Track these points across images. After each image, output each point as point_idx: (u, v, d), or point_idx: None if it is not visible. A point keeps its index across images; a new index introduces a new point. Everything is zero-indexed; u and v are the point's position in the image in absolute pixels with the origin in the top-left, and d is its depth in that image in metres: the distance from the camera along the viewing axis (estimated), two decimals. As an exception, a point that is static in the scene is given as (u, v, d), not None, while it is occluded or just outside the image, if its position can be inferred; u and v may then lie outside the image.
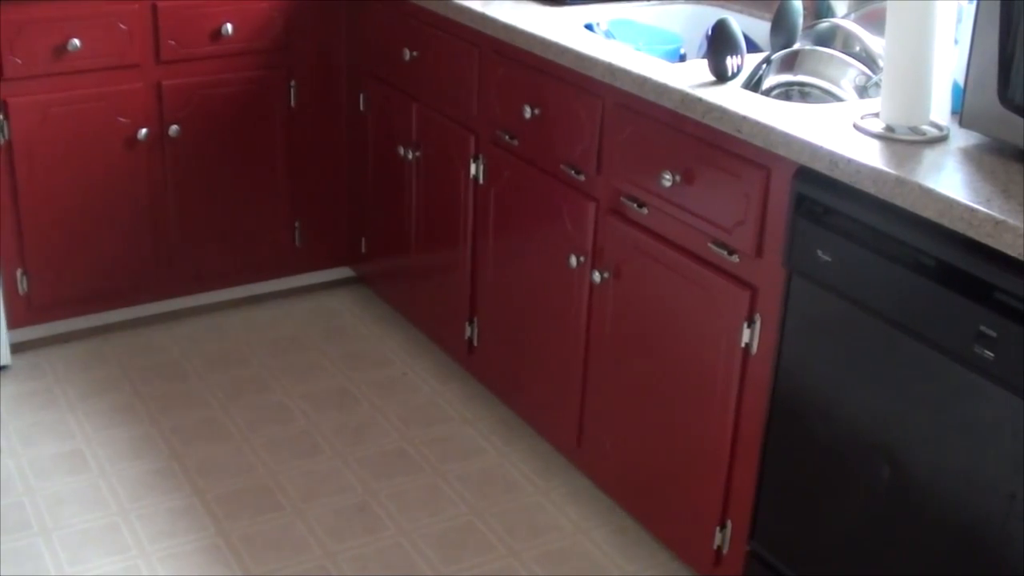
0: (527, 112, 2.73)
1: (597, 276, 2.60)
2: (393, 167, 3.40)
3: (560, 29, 2.68)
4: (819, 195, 2.02)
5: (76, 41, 3.15)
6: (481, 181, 3.00)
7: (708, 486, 2.42)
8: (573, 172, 2.65)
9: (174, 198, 3.47)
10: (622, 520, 2.78)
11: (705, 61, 2.36)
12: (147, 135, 3.35)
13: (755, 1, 2.94)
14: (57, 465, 2.96)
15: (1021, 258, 1.68)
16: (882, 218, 1.90)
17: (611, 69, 2.44)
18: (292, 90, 3.56)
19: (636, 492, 2.67)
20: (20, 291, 3.34)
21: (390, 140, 3.38)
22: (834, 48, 2.48)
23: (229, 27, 3.37)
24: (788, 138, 2.04)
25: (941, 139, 2.00)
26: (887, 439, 2.03)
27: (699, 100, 2.23)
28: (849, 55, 2.41)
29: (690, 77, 2.33)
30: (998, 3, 1.85)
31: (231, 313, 3.69)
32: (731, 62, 2.31)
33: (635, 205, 2.48)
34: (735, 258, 2.24)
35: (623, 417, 2.64)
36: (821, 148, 1.97)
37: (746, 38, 2.42)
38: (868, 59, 2.40)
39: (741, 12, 2.93)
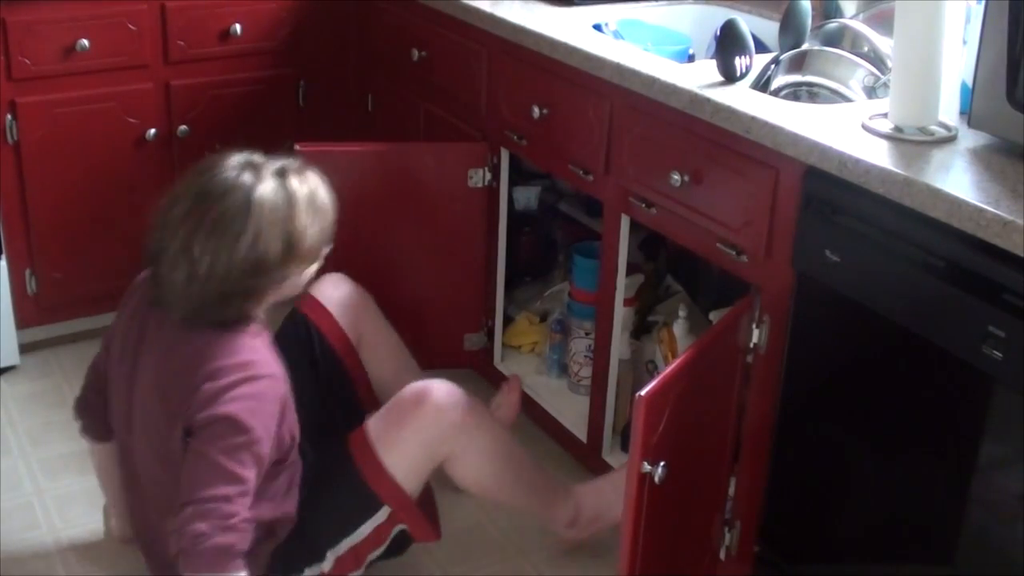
0: (535, 112, 2.73)
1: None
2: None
3: (569, 29, 2.68)
4: (828, 195, 2.02)
5: (85, 41, 3.16)
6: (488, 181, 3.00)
7: (714, 487, 2.41)
8: (581, 172, 2.65)
9: (183, 198, 3.48)
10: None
11: (714, 61, 2.36)
12: (156, 135, 3.35)
13: (764, 1, 2.94)
14: (66, 465, 2.96)
15: (1030, 259, 1.68)
16: (891, 218, 1.90)
17: (620, 70, 2.44)
18: (300, 90, 3.56)
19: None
20: (29, 291, 3.34)
21: (398, 140, 3.38)
22: (843, 48, 2.48)
23: (238, 27, 3.37)
24: (797, 138, 2.04)
25: (949, 139, 2.00)
26: (895, 439, 2.03)
27: (708, 100, 2.23)
28: (858, 55, 2.41)
29: (699, 77, 2.33)
30: (1006, 3, 1.85)
31: (240, 313, 3.69)
32: (740, 62, 2.31)
33: (644, 205, 2.48)
34: (743, 258, 2.24)
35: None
36: (830, 148, 1.97)
37: (755, 38, 2.42)
38: (877, 59, 2.40)
39: (750, 12, 2.93)
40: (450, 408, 2.32)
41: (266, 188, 2.14)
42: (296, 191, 2.17)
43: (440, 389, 2.34)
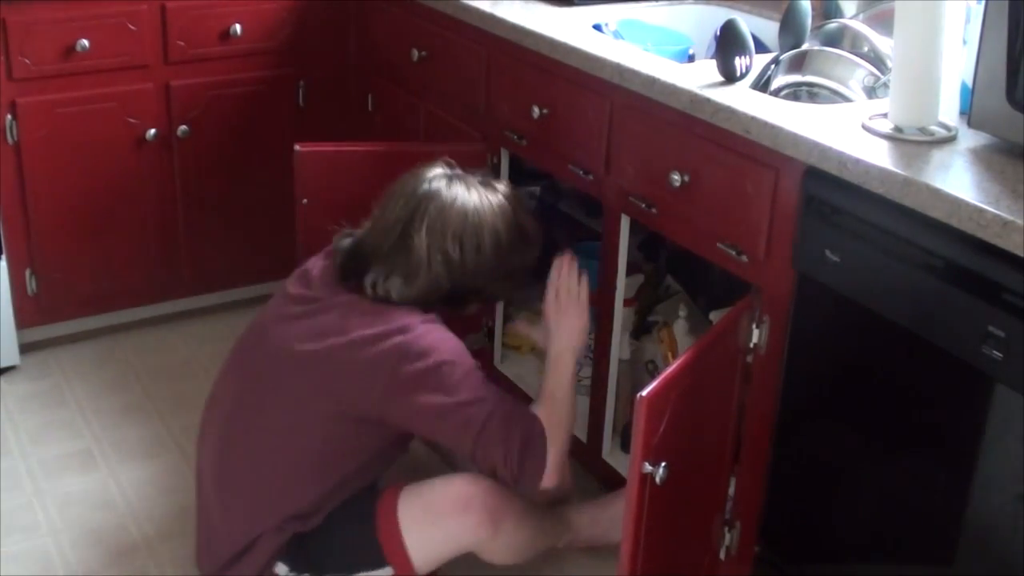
0: (535, 112, 2.73)
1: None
2: (401, 167, 3.40)
3: (569, 29, 2.68)
4: (828, 195, 2.02)
5: (85, 42, 3.16)
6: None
7: (715, 487, 2.42)
8: (581, 172, 2.65)
9: (183, 198, 3.48)
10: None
11: (714, 62, 2.36)
12: (156, 135, 3.35)
13: (764, 1, 2.94)
14: (66, 465, 2.97)
15: (1030, 259, 1.68)
16: (891, 218, 1.90)
17: (620, 70, 2.44)
18: (300, 90, 3.56)
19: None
20: (29, 291, 3.34)
21: (398, 140, 3.38)
22: (842, 48, 2.48)
23: (238, 27, 3.38)
24: (797, 138, 2.04)
25: (949, 139, 2.00)
26: (895, 440, 2.03)
27: (708, 100, 2.23)
28: (858, 55, 2.41)
29: (699, 78, 2.33)
30: (1006, 3, 1.85)
31: (240, 313, 3.68)
32: (740, 62, 2.31)
33: (644, 205, 2.48)
34: (744, 258, 2.24)
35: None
36: (830, 148, 1.97)
37: (754, 38, 2.42)
38: (877, 59, 2.40)
39: (749, 12, 2.93)
40: (492, 522, 2.32)
41: (482, 194, 2.39)
42: (506, 192, 2.44)
43: (485, 503, 2.32)
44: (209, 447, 2.43)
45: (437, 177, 2.39)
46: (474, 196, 2.37)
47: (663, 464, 1.96)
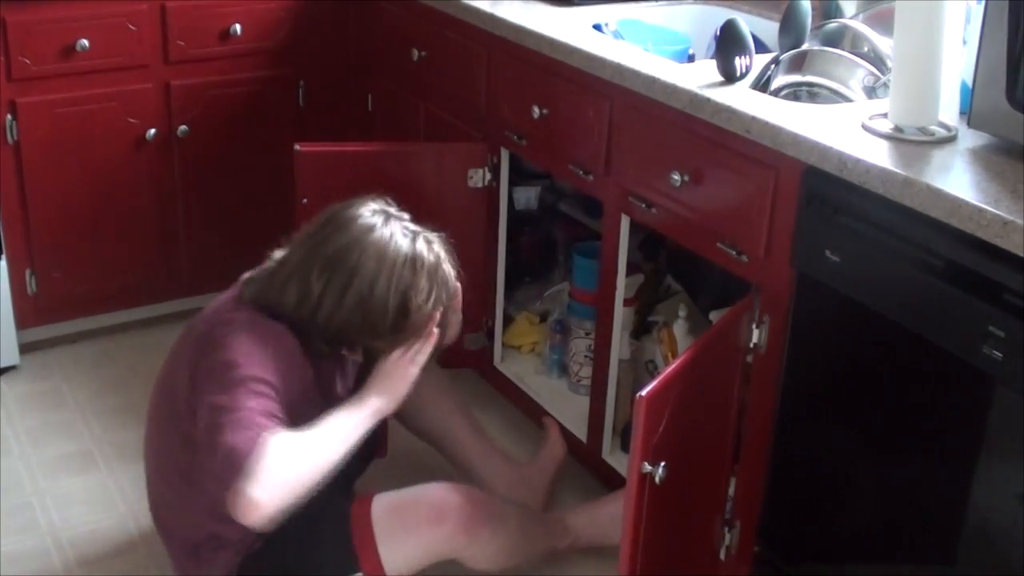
0: (535, 112, 2.73)
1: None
2: (401, 167, 3.40)
3: (569, 29, 2.68)
4: (828, 195, 2.02)
5: (85, 41, 3.16)
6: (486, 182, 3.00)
7: (714, 487, 2.41)
8: (581, 172, 2.65)
9: (183, 198, 3.48)
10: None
11: (714, 61, 2.36)
12: (155, 135, 3.35)
13: (763, 1, 2.94)
14: (66, 465, 2.96)
15: (1030, 258, 1.68)
16: (891, 218, 1.90)
17: (620, 70, 2.44)
18: (300, 90, 3.56)
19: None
20: (29, 291, 3.34)
21: (398, 140, 3.38)
22: (842, 48, 2.48)
23: (238, 27, 3.37)
24: (797, 138, 2.04)
25: (949, 139, 2.00)
26: (895, 439, 2.03)
27: (708, 100, 2.23)
28: (858, 55, 2.41)
29: (699, 77, 2.33)
30: (1006, 3, 1.85)
31: (240, 313, 3.69)
32: (740, 62, 2.31)
33: (644, 205, 2.48)
34: (744, 258, 2.24)
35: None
36: (830, 148, 1.97)
37: (754, 38, 2.42)
38: (877, 59, 2.40)
39: (749, 12, 2.93)
40: (465, 531, 2.27)
41: (392, 240, 2.20)
42: (420, 255, 2.22)
43: (460, 512, 2.28)
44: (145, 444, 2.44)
45: (364, 208, 2.24)
46: (379, 236, 2.19)
47: (662, 464, 1.96)
